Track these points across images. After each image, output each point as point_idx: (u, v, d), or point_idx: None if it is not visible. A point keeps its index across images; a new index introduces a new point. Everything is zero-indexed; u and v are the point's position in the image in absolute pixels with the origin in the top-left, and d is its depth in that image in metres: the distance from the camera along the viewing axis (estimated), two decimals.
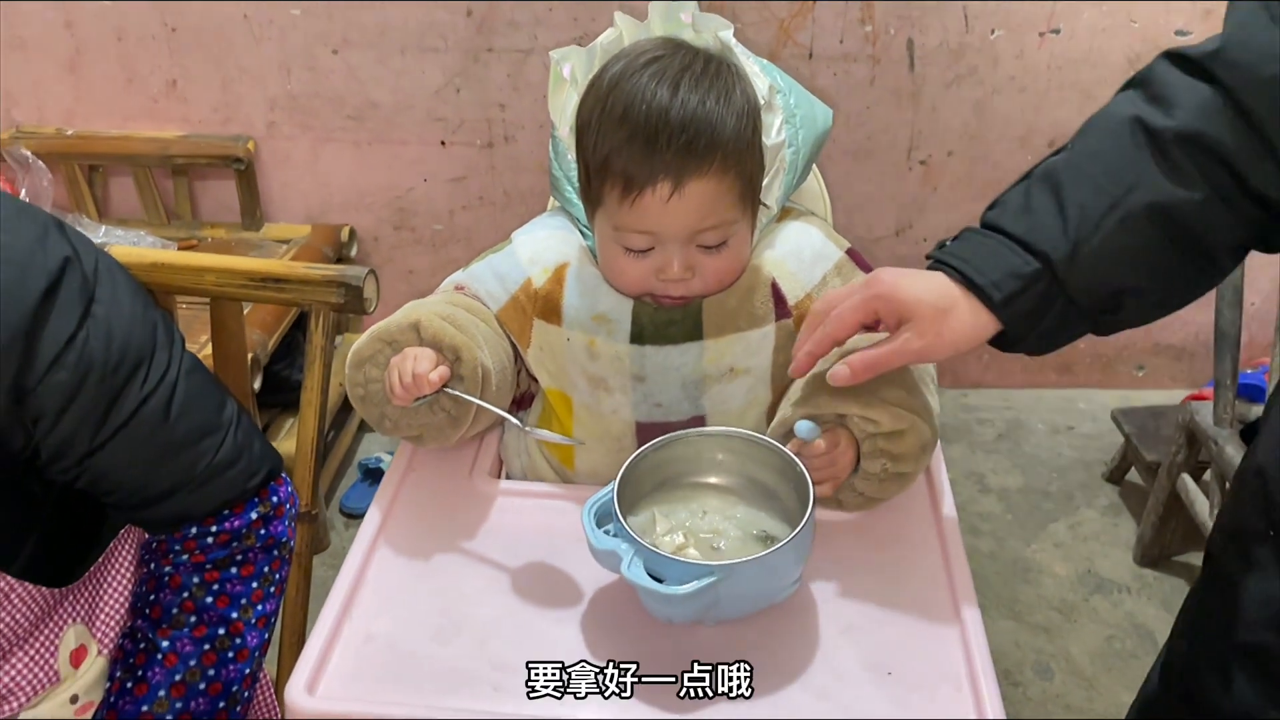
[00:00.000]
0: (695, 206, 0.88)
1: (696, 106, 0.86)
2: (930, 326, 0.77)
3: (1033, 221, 0.77)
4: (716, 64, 0.90)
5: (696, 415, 0.97)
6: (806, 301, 0.97)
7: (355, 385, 0.94)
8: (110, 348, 0.82)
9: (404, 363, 0.88)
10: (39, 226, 0.81)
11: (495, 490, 0.97)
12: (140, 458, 0.86)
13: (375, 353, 0.93)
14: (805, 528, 0.77)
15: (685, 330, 0.94)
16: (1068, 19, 2.02)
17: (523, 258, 1.00)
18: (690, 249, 0.91)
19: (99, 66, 2.08)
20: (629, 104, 0.87)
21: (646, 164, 0.86)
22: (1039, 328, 0.78)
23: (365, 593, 0.85)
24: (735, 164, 0.88)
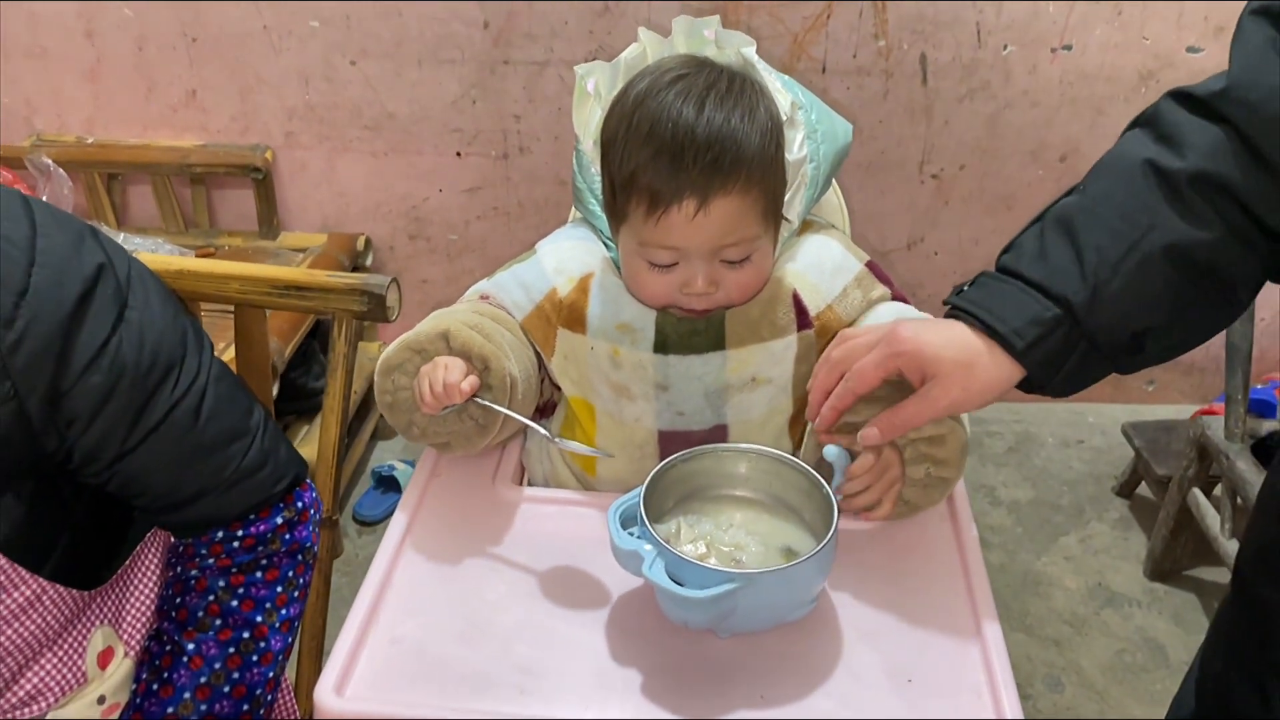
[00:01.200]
0: (719, 223, 0.89)
1: (721, 124, 0.87)
2: (956, 381, 0.78)
3: (1050, 267, 0.77)
4: (740, 81, 0.92)
5: (718, 424, 0.98)
6: (828, 313, 0.98)
7: (384, 392, 0.95)
8: (142, 352, 0.83)
9: (434, 371, 0.90)
10: (74, 233, 0.83)
11: (518, 497, 0.98)
12: (170, 461, 0.87)
13: (404, 361, 0.94)
14: (828, 545, 0.78)
15: (708, 340, 0.96)
16: (1080, 35, 2.03)
17: (548, 267, 1.02)
18: (714, 264, 0.92)
19: (119, 76, 2.10)
20: (655, 121, 0.88)
21: (672, 181, 0.87)
22: (1062, 372, 0.78)
23: (391, 596, 0.86)
24: (759, 181, 0.90)
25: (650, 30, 1.01)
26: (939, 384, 0.78)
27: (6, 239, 0.76)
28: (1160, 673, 1.79)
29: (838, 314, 0.98)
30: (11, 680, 0.83)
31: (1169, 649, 1.84)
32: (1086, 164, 2.27)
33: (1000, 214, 2.24)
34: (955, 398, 0.78)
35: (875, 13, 2.01)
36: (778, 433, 1.00)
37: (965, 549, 0.91)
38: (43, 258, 0.78)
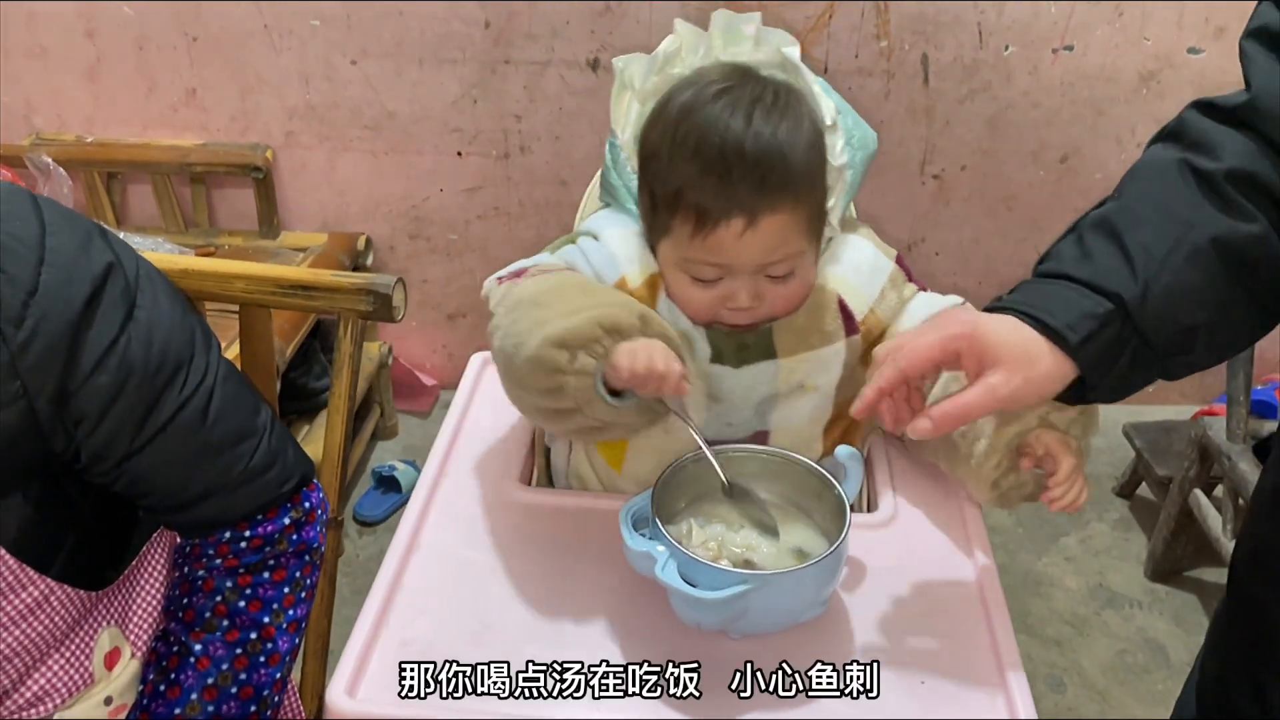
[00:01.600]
0: (767, 240, 0.87)
1: (770, 137, 0.85)
2: (1019, 370, 0.75)
3: (1096, 266, 0.76)
4: (786, 92, 0.89)
5: (760, 430, 0.97)
6: (871, 317, 0.97)
7: (558, 371, 0.82)
8: (150, 352, 0.83)
9: (653, 353, 0.82)
10: (83, 232, 0.82)
11: (527, 497, 0.98)
12: (177, 461, 0.87)
13: (594, 340, 0.82)
14: (841, 546, 0.78)
15: (759, 351, 0.94)
16: (1081, 36, 2.04)
17: (618, 254, 0.96)
18: (758, 279, 0.90)
19: (119, 75, 2.10)
20: (702, 135, 0.86)
21: (720, 198, 0.85)
22: (1114, 372, 0.76)
23: (401, 597, 0.86)
24: (806, 195, 0.88)
25: (688, 25, 0.98)
26: (1001, 372, 0.75)
27: (15, 237, 0.76)
28: (1161, 673, 1.80)
29: (879, 318, 0.97)
30: (19, 681, 0.83)
31: (1170, 650, 1.84)
32: (1087, 165, 2.26)
33: (1001, 215, 2.25)
34: (1017, 387, 0.75)
35: (877, 13, 2.01)
36: (812, 437, 0.99)
37: (975, 550, 0.91)
38: (52, 256, 0.78)
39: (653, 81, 0.97)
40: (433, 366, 2.45)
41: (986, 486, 0.91)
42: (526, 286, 0.90)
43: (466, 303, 2.37)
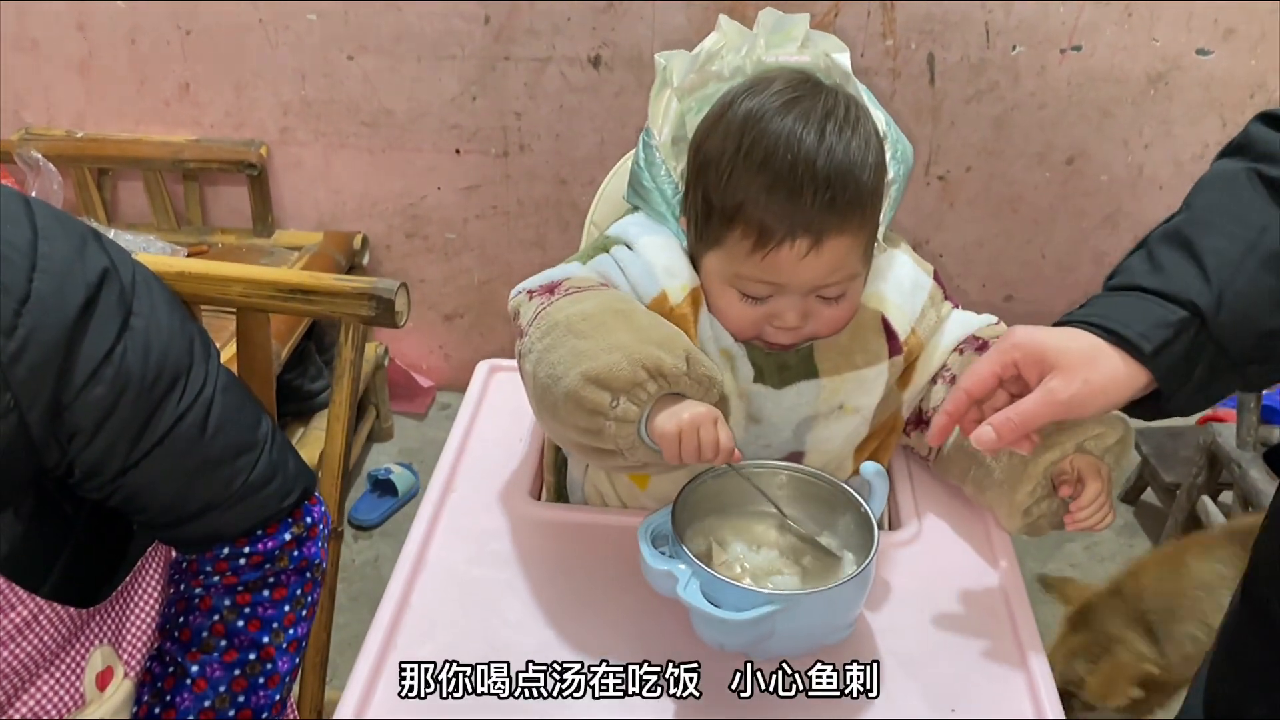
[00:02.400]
0: (829, 263, 0.83)
1: (842, 156, 0.81)
2: (1077, 373, 0.73)
3: (1168, 276, 0.74)
4: (855, 107, 0.85)
5: (796, 451, 0.93)
6: (913, 338, 0.93)
7: (599, 414, 0.77)
8: (148, 362, 0.79)
9: (705, 431, 0.77)
10: (77, 237, 0.79)
11: (537, 513, 0.95)
12: (175, 475, 0.84)
13: (637, 384, 0.77)
14: (869, 567, 0.75)
15: (801, 371, 0.90)
16: (1089, 36, 2.01)
17: (656, 265, 0.90)
18: (809, 299, 0.86)
19: (111, 69, 2.06)
20: (771, 148, 0.81)
21: (787, 218, 0.81)
22: (1190, 381, 0.74)
23: (409, 617, 0.83)
24: (871, 216, 0.85)
25: (732, 22, 0.94)
26: (1059, 375, 0.73)
27: (7, 243, 0.73)
28: None
29: (920, 337, 0.94)
30: (7, 703, 0.80)
31: None
32: (1093, 167, 2.24)
33: (1006, 217, 2.22)
34: (1076, 390, 0.72)
35: (883, 12, 1.98)
36: (844, 458, 0.96)
37: (1004, 571, 0.88)
38: (44, 263, 0.74)
39: (690, 79, 0.93)
40: (429, 368, 2.41)
41: (1018, 514, 0.88)
42: (562, 308, 0.83)
43: (464, 303, 2.34)
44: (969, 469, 0.92)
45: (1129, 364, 0.73)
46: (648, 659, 0.79)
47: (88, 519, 0.86)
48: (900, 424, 0.97)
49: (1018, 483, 0.86)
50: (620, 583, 0.85)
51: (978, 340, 0.95)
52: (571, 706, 0.76)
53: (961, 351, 0.95)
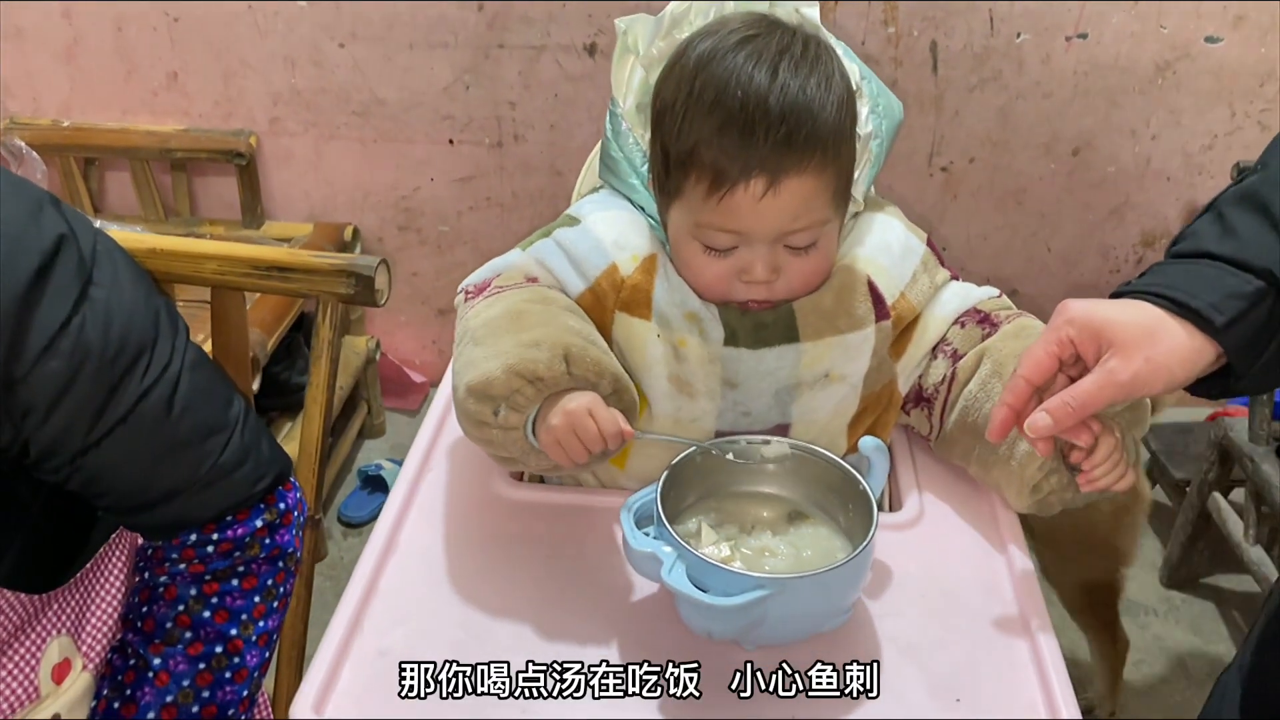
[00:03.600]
0: (789, 206, 0.79)
1: (797, 92, 0.77)
2: (1137, 350, 0.66)
3: (1243, 241, 0.67)
4: (815, 45, 0.82)
5: (782, 422, 0.89)
6: (902, 302, 0.89)
7: (483, 425, 0.79)
8: (108, 335, 0.75)
9: (584, 427, 0.76)
10: (32, 201, 0.75)
11: (517, 494, 0.90)
12: (139, 457, 0.79)
13: (515, 391, 0.77)
14: (867, 548, 0.71)
15: (780, 332, 0.86)
16: (1095, 24, 1.97)
17: (605, 239, 0.88)
18: (777, 250, 0.82)
19: (97, 57, 2.02)
20: (722, 88, 0.78)
21: (740, 157, 0.78)
22: (1264, 357, 0.67)
23: (377, 603, 0.79)
24: (834, 159, 0.81)
25: None
26: (1118, 354, 0.67)
27: None
28: (1179, 684, 1.73)
29: (910, 302, 0.90)
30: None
31: (1187, 660, 1.77)
32: (1100, 158, 2.18)
33: (1010, 209, 2.18)
34: (1138, 369, 0.66)
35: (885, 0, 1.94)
36: (836, 432, 0.91)
37: (1011, 554, 0.83)
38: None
39: (659, 47, 0.90)
40: (422, 363, 2.37)
41: (1027, 490, 0.83)
42: (476, 314, 0.86)
43: None
44: (973, 447, 0.87)
45: (1195, 338, 0.66)
46: (629, 646, 0.75)
47: (46, 503, 0.82)
48: (897, 397, 0.93)
49: (1027, 458, 0.82)
50: (603, 566, 0.81)
51: (980, 313, 0.91)
52: (551, 707, 0.71)
53: (963, 325, 0.91)
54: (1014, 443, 0.83)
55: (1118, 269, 2.25)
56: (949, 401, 0.89)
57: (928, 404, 0.91)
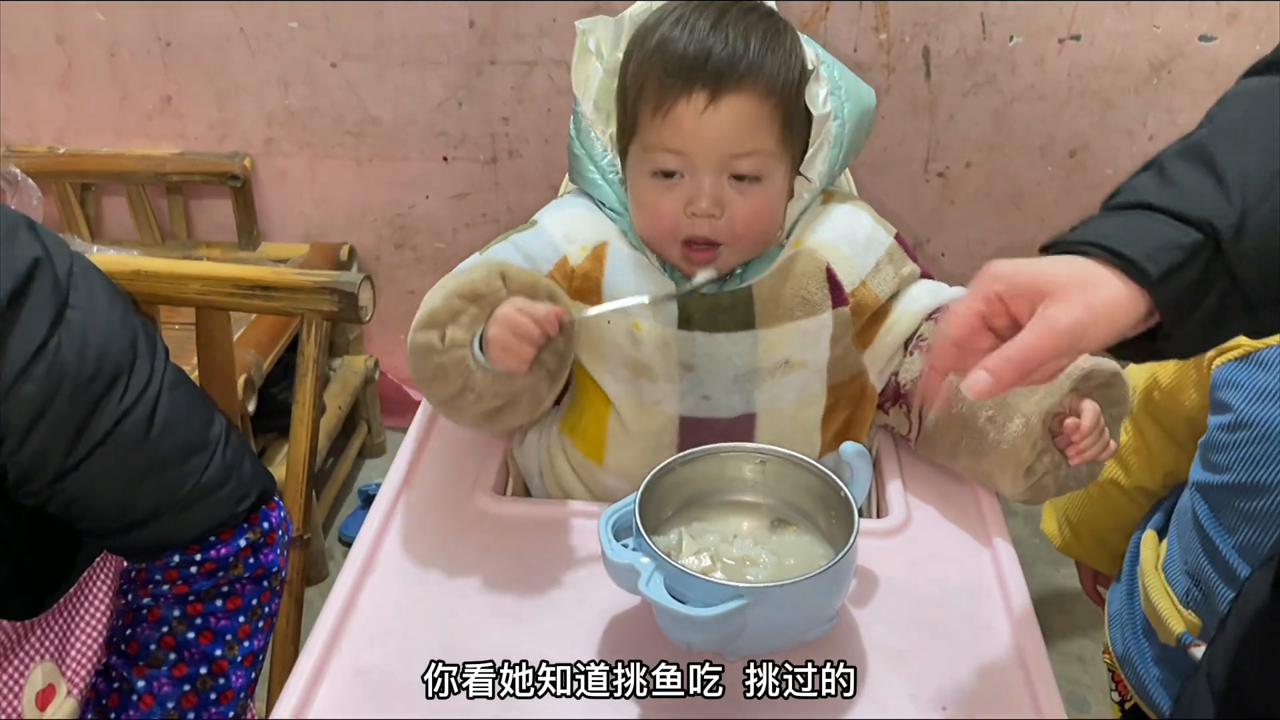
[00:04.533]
0: (732, 122, 0.82)
1: (738, 39, 0.82)
2: (1077, 295, 0.63)
3: (1183, 193, 0.64)
4: (766, 12, 0.86)
5: (747, 412, 0.89)
6: (862, 289, 0.90)
7: (432, 352, 0.80)
8: (85, 357, 0.75)
9: (513, 313, 0.78)
10: (6, 226, 0.75)
11: (499, 508, 0.90)
12: (119, 478, 0.79)
13: (459, 312, 0.80)
14: (848, 555, 0.70)
15: (737, 318, 0.87)
16: (1088, 25, 1.96)
17: (555, 234, 0.92)
18: (722, 182, 0.84)
19: (91, 83, 2.03)
20: (669, 33, 0.84)
21: (682, 76, 0.82)
22: (1197, 314, 0.63)
23: (356, 621, 0.78)
24: (778, 96, 0.83)
25: None
26: (1056, 302, 0.63)
27: None
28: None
29: (872, 291, 0.91)
30: None
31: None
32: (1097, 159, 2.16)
33: (1009, 212, 2.17)
34: (1078, 316, 0.62)
35: (876, 4, 1.94)
36: (809, 425, 0.91)
37: (1000, 558, 0.82)
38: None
39: (623, 51, 0.91)
40: None
41: (1021, 474, 0.83)
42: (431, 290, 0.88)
43: None
44: (959, 439, 0.87)
45: (1130, 288, 0.63)
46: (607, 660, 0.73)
47: (27, 527, 0.81)
48: (870, 391, 0.93)
49: (1018, 440, 0.81)
50: (585, 579, 0.80)
51: None
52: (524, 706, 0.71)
53: (937, 320, 0.91)
54: (1002, 426, 0.83)
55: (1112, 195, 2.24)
56: (925, 394, 0.88)
57: (905, 400, 0.90)
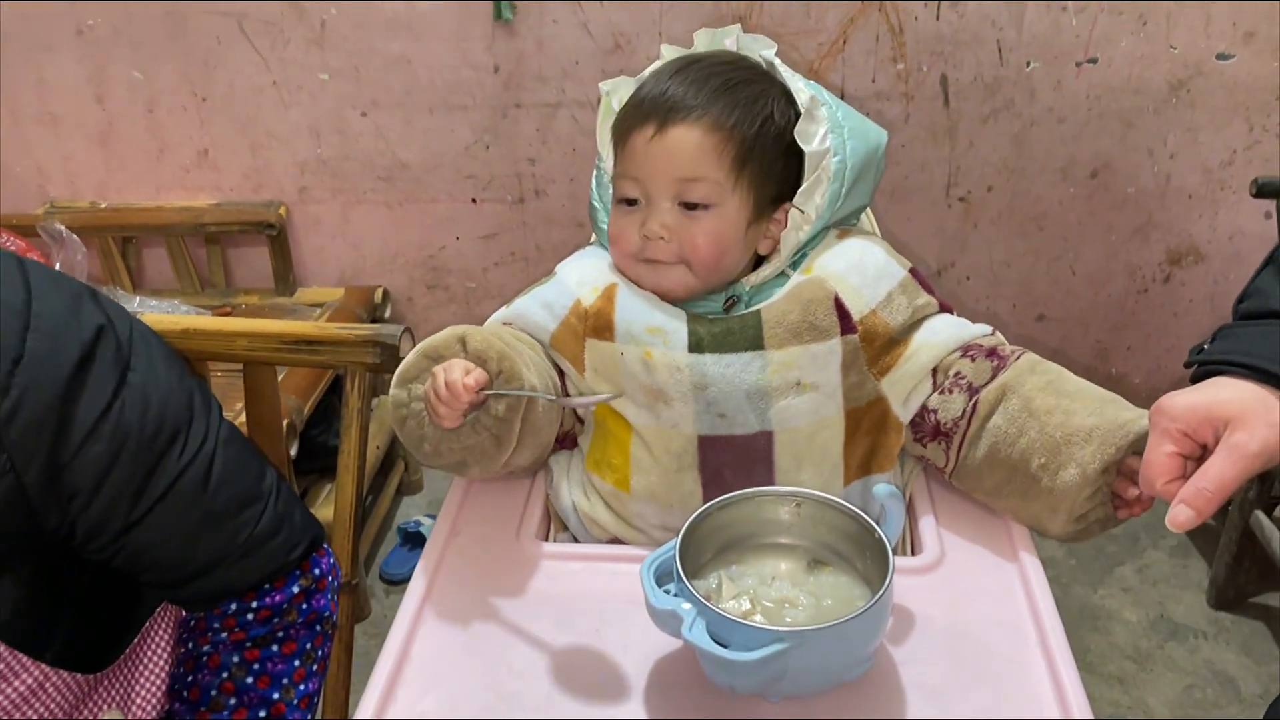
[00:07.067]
0: (676, 150, 0.91)
1: (693, 83, 0.92)
2: (1258, 420, 0.65)
3: None
4: (740, 64, 0.96)
5: (763, 430, 0.92)
6: (872, 317, 0.93)
7: (399, 406, 0.89)
8: (146, 417, 0.79)
9: (435, 379, 0.84)
10: (71, 295, 0.79)
11: (544, 553, 0.92)
12: (178, 532, 0.82)
13: (421, 371, 0.88)
14: (885, 596, 0.72)
15: (746, 340, 0.91)
16: (1104, 48, 1.98)
17: (569, 282, 0.99)
18: (673, 208, 0.92)
19: (130, 139, 2.09)
20: (643, 85, 0.96)
21: (640, 110, 0.93)
22: None
23: (410, 669, 0.80)
24: (727, 131, 0.91)
25: (673, 46, 1.00)
26: (1240, 428, 0.66)
27: (1, 303, 0.72)
28: (1233, 707, 1.70)
29: (883, 320, 0.93)
30: None
31: (1240, 682, 1.74)
32: (1118, 179, 2.20)
33: (1032, 234, 2.18)
34: (1265, 437, 0.65)
35: (892, 36, 1.97)
36: (829, 450, 0.93)
37: (1034, 593, 0.84)
38: (38, 321, 0.74)
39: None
40: None
41: (1071, 519, 0.85)
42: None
43: None
44: (1007, 480, 0.89)
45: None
46: (655, 701, 0.76)
47: (92, 583, 0.85)
48: (893, 421, 0.95)
49: (1071, 488, 0.83)
50: (631, 623, 0.82)
51: (985, 348, 0.94)
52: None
53: (973, 358, 0.93)
54: (1055, 474, 0.84)
55: (1145, 288, 2.24)
56: (968, 435, 0.91)
57: (946, 438, 0.92)
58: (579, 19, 1.95)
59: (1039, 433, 0.86)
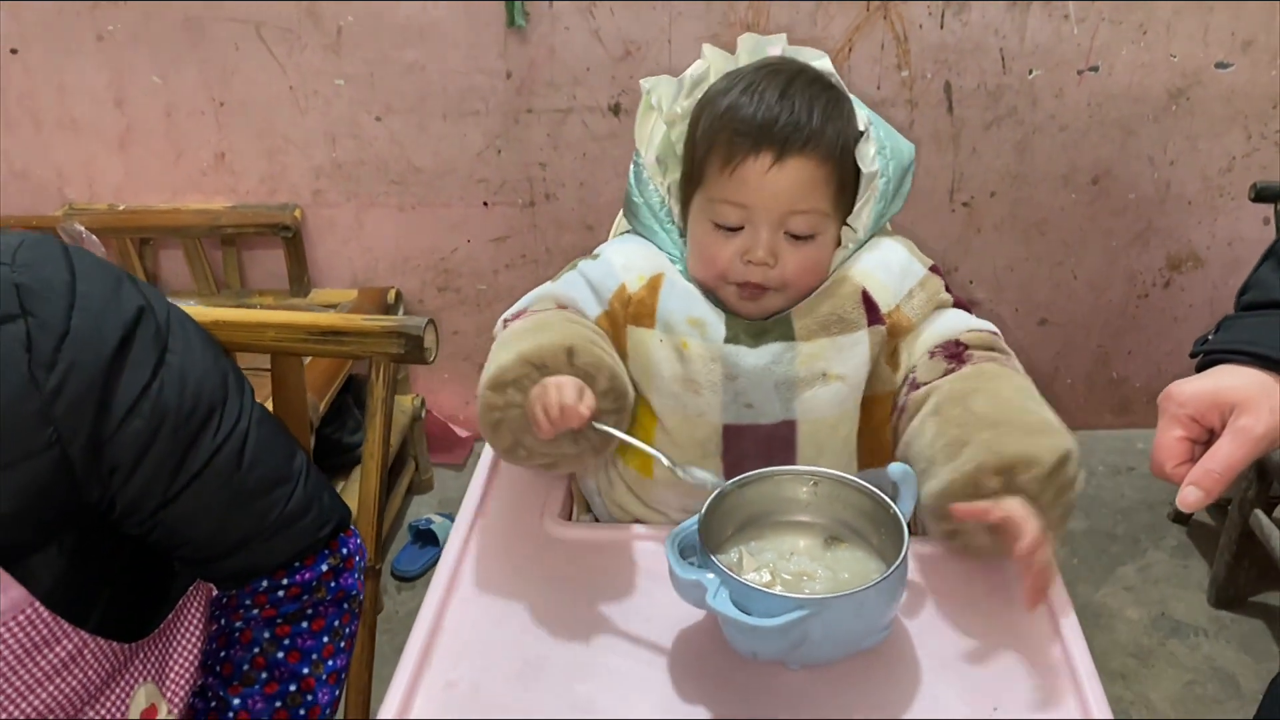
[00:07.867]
0: (794, 182, 0.89)
1: (802, 108, 0.89)
2: (1262, 405, 0.68)
3: None
4: (828, 83, 0.93)
5: (787, 419, 0.94)
6: (896, 313, 0.95)
7: (492, 409, 0.88)
8: (184, 396, 0.81)
9: (546, 394, 0.83)
10: (113, 277, 0.81)
11: (568, 532, 0.95)
12: (213, 509, 0.85)
13: (522, 376, 0.86)
14: (901, 566, 0.74)
15: (778, 334, 0.94)
16: (1106, 56, 2.02)
17: (616, 264, 0.99)
18: (779, 235, 0.91)
19: (149, 142, 2.13)
20: (737, 100, 0.91)
21: (751, 135, 0.89)
22: None
23: (443, 639, 0.83)
24: (836, 161, 0.90)
25: (717, 49, 1.00)
26: (1246, 412, 0.68)
27: (45, 283, 0.75)
28: (1233, 704, 1.72)
29: (906, 315, 0.96)
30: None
31: (1240, 678, 1.76)
32: (1119, 186, 2.24)
33: (1034, 240, 2.22)
34: (1270, 422, 0.68)
35: (897, 43, 2.00)
36: (846, 439, 0.96)
37: None
38: (82, 301, 0.77)
39: (682, 105, 0.98)
40: (466, 418, 2.43)
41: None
42: (509, 330, 0.95)
43: None
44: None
45: None
46: (678, 669, 0.78)
47: (129, 559, 0.87)
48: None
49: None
50: (653, 595, 0.85)
51: (957, 345, 0.93)
52: None
53: (933, 355, 0.94)
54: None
55: (1145, 293, 2.27)
56: (898, 430, 0.93)
57: (894, 430, 0.95)
58: (590, 26, 1.99)
59: (927, 442, 0.86)
